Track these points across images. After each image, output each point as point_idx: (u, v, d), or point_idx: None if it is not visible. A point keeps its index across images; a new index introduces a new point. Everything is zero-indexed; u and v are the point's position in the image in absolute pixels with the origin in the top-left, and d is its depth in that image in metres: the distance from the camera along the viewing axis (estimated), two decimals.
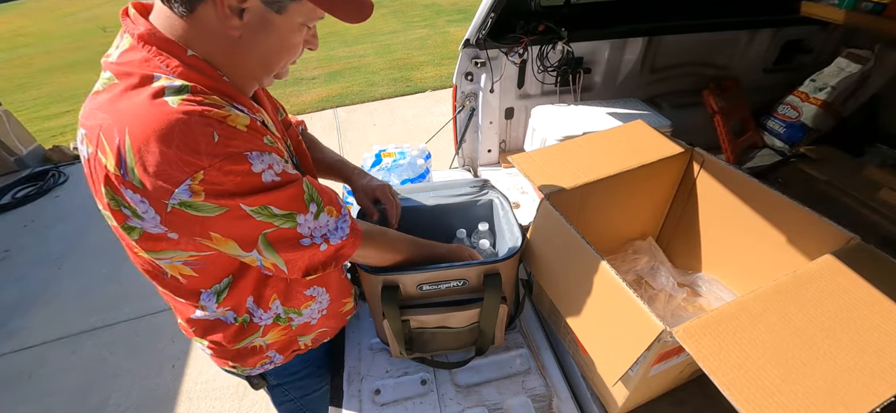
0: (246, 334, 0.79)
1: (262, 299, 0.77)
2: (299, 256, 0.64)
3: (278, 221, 0.60)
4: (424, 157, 1.46)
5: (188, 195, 0.52)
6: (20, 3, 20.39)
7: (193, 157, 0.51)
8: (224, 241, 0.59)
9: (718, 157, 1.07)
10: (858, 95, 1.93)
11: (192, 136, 0.51)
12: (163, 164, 0.50)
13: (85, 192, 3.75)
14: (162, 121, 0.50)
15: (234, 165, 0.54)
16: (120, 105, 0.52)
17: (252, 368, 0.88)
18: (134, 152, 0.50)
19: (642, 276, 1.14)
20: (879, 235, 1.38)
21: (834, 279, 0.71)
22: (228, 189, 0.54)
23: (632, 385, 0.80)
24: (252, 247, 0.60)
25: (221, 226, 0.57)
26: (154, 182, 0.51)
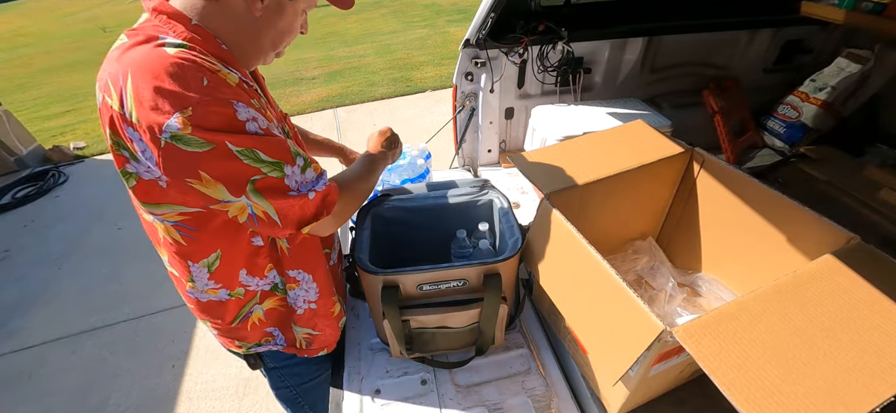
0: (244, 303, 0.82)
1: (256, 269, 0.79)
2: (289, 205, 0.67)
3: (266, 168, 0.63)
4: (424, 157, 1.46)
5: (178, 127, 0.56)
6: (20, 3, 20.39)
7: (183, 92, 0.56)
8: (213, 182, 0.61)
9: (718, 157, 1.07)
10: (858, 95, 1.93)
11: (184, 76, 0.57)
12: (156, 97, 0.56)
13: (85, 191, 3.76)
14: (159, 63, 0.57)
15: (220, 107, 0.59)
16: (126, 56, 0.59)
17: (256, 343, 0.90)
18: (133, 90, 0.56)
19: (642, 276, 1.14)
20: (879, 235, 1.38)
21: (834, 279, 0.71)
22: (214, 124, 0.58)
23: (632, 385, 0.80)
24: (241, 192, 0.62)
25: (210, 164, 0.59)
26: (148, 115, 0.56)
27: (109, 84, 0.58)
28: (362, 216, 1.04)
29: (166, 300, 2.51)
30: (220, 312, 0.82)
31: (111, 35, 11.28)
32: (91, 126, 5.17)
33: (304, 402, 1.09)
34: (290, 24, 0.73)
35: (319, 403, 1.12)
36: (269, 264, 0.81)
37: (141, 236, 3.16)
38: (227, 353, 1.73)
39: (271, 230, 0.69)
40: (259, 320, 0.87)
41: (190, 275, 0.75)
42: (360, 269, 0.88)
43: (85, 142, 4.67)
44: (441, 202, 1.11)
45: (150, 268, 2.75)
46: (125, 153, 0.61)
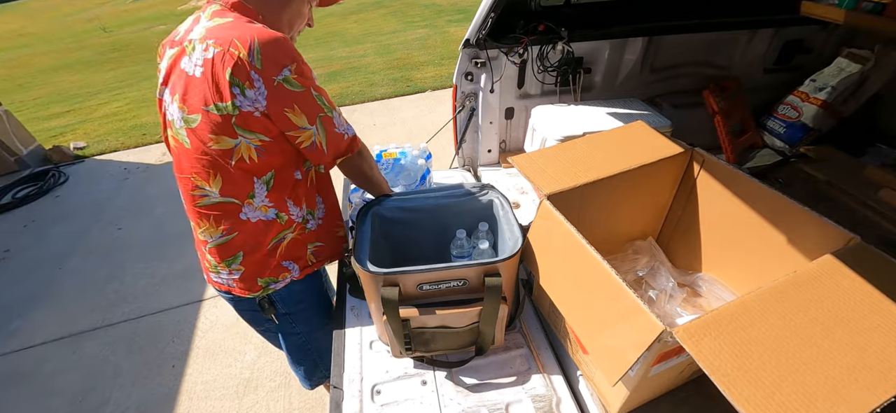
0: (281, 229, 1.03)
1: (296, 199, 1.03)
2: (335, 139, 0.95)
3: (326, 110, 0.92)
4: (425, 156, 1.46)
5: (289, 73, 0.85)
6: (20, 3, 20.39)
7: (292, 54, 0.86)
8: (300, 113, 0.88)
9: (718, 157, 1.07)
10: (858, 95, 1.93)
11: (288, 45, 0.86)
12: (277, 55, 0.83)
13: (85, 191, 3.76)
14: (272, 33, 0.84)
15: (305, 65, 0.89)
16: (242, 25, 0.85)
17: (275, 279, 1.07)
18: (260, 46, 0.81)
19: (642, 276, 1.14)
20: (879, 235, 1.38)
21: (834, 279, 0.71)
22: (306, 74, 0.88)
23: (632, 385, 0.80)
24: (313, 122, 0.90)
25: (301, 100, 0.87)
26: (270, 65, 0.82)
27: (236, 41, 0.81)
28: (362, 216, 1.04)
29: (166, 300, 2.51)
30: (262, 238, 1.00)
31: (111, 35, 11.29)
32: (91, 126, 5.17)
33: (312, 349, 1.26)
34: (301, 10, 1.00)
35: (326, 353, 1.19)
36: (303, 197, 1.04)
37: (141, 236, 3.17)
38: (227, 353, 1.78)
39: (319, 156, 0.96)
40: (283, 249, 1.05)
41: (252, 191, 0.95)
42: (359, 268, 0.88)
43: (85, 142, 4.67)
44: (441, 202, 1.11)
45: (151, 268, 2.76)
46: (236, 90, 0.82)
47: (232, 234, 0.98)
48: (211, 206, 0.95)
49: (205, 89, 0.83)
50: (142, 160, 4.21)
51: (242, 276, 1.04)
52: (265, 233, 1.00)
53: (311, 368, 1.31)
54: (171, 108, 0.91)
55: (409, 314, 0.89)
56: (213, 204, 0.95)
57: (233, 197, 0.94)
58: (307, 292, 1.17)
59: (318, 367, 1.31)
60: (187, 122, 0.88)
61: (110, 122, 5.20)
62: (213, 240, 0.99)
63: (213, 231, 0.98)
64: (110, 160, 4.30)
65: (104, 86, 6.98)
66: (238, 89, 0.82)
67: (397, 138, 4.06)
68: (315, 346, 1.25)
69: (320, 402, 1.89)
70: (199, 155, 0.90)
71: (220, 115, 0.84)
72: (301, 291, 1.14)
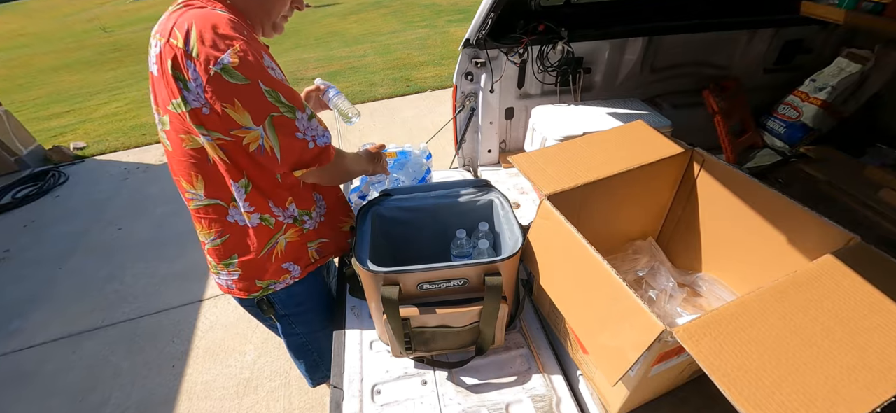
0: (272, 234, 0.97)
1: (281, 199, 0.95)
2: (292, 145, 0.82)
3: (283, 108, 0.79)
4: (425, 156, 1.46)
5: (228, 61, 0.73)
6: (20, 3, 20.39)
7: (233, 34, 0.74)
8: (242, 111, 0.76)
9: (718, 157, 1.07)
10: (858, 95, 1.93)
11: (233, 26, 0.75)
12: (214, 38, 0.73)
13: (85, 191, 3.76)
14: (216, 16, 0.75)
15: (256, 52, 0.77)
16: (188, 13, 0.76)
17: (276, 281, 1.03)
18: (196, 32, 0.73)
19: (642, 276, 1.14)
20: (879, 235, 1.38)
21: (834, 279, 0.71)
22: (253, 64, 0.75)
23: (632, 385, 0.80)
24: (260, 122, 0.78)
25: (243, 95, 0.75)
26: (207, 50, 0.72)
27: (176, 30, 0.74)
28: (362, 215, 1.04)
29: (166, 300, 2.51)
30: (254, 239, 0.95)
31: (111, 35, 11.29)
32: (91, 126, 5.17)
33: (313, 349, 1.24)
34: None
35: (327, 353, 1.18)
36: (289, 197, 0.96)
37: (141, 236, 3.17)
38: (227, 353, 1.77)
39: (271, 164, 0.84)
40: (281, 252, 1.00)
41: (232, 194, 0.90)
42: (360, 267, 0.88)
43: (85, 142, 4.67)
44: (441, 202, 1.11)
45: (150, 268, 2.76)
46: (180, 84, 0.74)
47: (224, 237, 0.96)
48: (200, 208, 0.93)
49: (162, 87, 0.78)
50: (142, 160, 4.21)
51: (240, 277, 1.01)
52: (255, 237, 0.96)
53: (311, 367, 1.29)
54: (153, 111, 0.87)
55: (409, 313, 0.89)
56: (202, 206, 0.92)
57: (218, 198, 0.90)
58: (308, 294, 1.14)
59: (318, 366, 1.29)
60: (162, 124, 0.84)
61: (110, 122, 5.20)
62: (208, 241, 0.98)
63: (207, 233, 0.97)
64: (110, 160, 4.30)
65: (104, 86, 6.98)
66: (181, 84, 0.74)
67: (397, 138, 4.06)
68: (316, 346, 1.23)
69: (320, 402, 1.89)
70: (180, 156, 0.86)
71: (178, 112, 0.78)
72: (301, 293, 1.11)
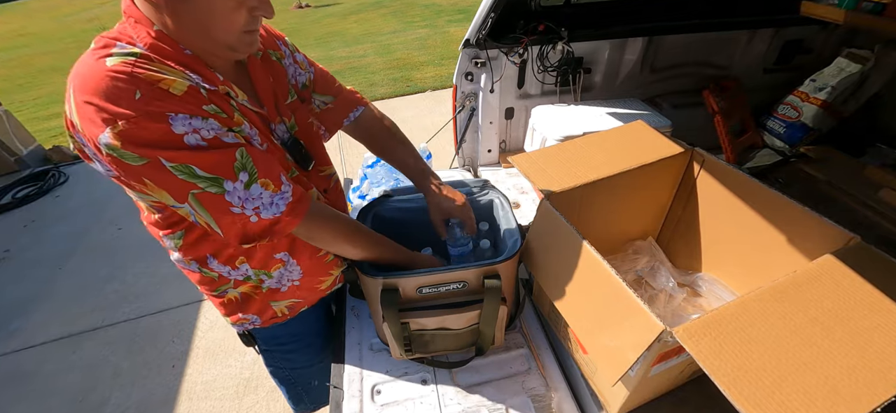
0: (217, 285, 0.85)
1: (229, 259, 0.81)
2: (231, 222, 0.67)
3: (202, 183, 0.62)
4: (425, 156, 1.46)
5: (109, 141, 0.56)
6: (20, 3, 20.39)
7: (113, 108, 0.56)
8: (157, 189, 0.62)
9: (718, 157, 1.07)
10: (858, 95, 1.93)
11: (115, 92, 0.56)
12: (91, 114, 0.56)
13: (85, 191, 3.75)
14: (94, 77, 0.56)
15: (152, 123, 0.57)
16: (78, 65, 0.60)
17: (235, 324, 0.94)
18: (75, 101, 0.58)
19: (642, 276, 1.14)
20: (879, 235, 1.38)
21: (834, 279, 0.71)
22: (146, 140, 0.57)
23: (632, 385, 0.80)
24: (183, 201, 0.63)
25: (150, 174, 0.60)
26: (87, 127, 0.57)
27: (68, 91, 0.59)
28: (362, 217, 1.04)
29: (166, 300, 2.51)
30: (195, 277, 0.85)
31: None
32: None
33: (298, 384, 1.13)
34: (210, 7, 0.60)
35: (312, 389, 1.14)
36: (241, 257, 0.82)
37: (141, 236, 3.15)
38: (227, 353, 1.75)
39: (216, 237, 0.71)
40: (235, 299, 0.89)
41: (165, 244, 0.80)
42: (359, 271, 0.88)
43: None
44: None
45: (151, 268, 2.75)
46: (87, 151, 0.62)
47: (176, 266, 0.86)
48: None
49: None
50: None
51: (207, 297, 0.93)
52: (200, 280, 0.85)
53: (295, 397, 1.18)
54: None
55: (408, 317, 0.89)
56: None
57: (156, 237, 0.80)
58: (293, 336, 1.02)
59: (302, 400, 1.18)
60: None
61: None
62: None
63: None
64: None
65: None
66: (87, 151, 0.62)
67: None
68: (300, 381, 1.13)
69: None
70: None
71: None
72: (285, 335, 1.01)
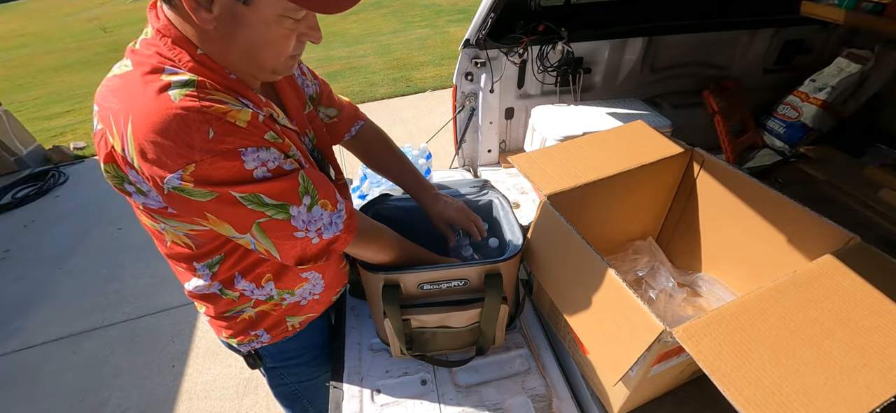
0: (235, 305, 0.84)
1: (256, 277, 0.81)
2: (292, 246, 0.67)
3: (270, 211, 0.61)
4: (425, 156, 1.46)
5: (179, 183, 0.55)
6: (20, 3, 20.40)
7: (187, 151, 0.54)
8: (219, 222, 0.61)
9: (718, 157, 1.07)
10: (858, 95, 1.93)
11: (188, 131, 0.53)
12: (159, 154, 0.54)
13: (85, 191, 3.75)
14: (162, 114, 0.53)
15: (226, 162, 0.56)
16: (129, 93, 0.56)
17: (241, 344, 0.91)
18: (135, 141, 0.54)
19: (642, 277, 1.14)
20: (879, 235, 1.38)
21: (834, 279, 0.71)
22: (219, 178, 0.56)
23: (632, 385, 0.80)
24: (246, 231, 0.63)
25: (215, 209, 0.59)
26: (151, 168, 0.55)
27: (111, 121, 0.57)
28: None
29: (166, 300, 2.51)
30: (214, 301, 0.84)
31: (111, 35, 11.28)
32: (91, 126, 5.16)
33: (303, 397, 1.12)
34: (262, 34, 0.59)
35: (318, 399, 1.12)
36: (268, 275, 0.82)
37: (141, 236, 3.15)
38: (227, 353, 1.73)
39: (273, 261, 0.74)
40: (250, 318, 0.88)
41: (194, 275, 0.78)
42: (360, 268, 0.88)
43: (85, 142, 4.67)
44: None
45: (151, 268, 2.75)
46: (130, 188, 0.61)
47: (187, 293, 0.85)
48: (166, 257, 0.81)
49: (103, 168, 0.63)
50: None
51: (210, 322, 0.90)
52: (217, 303, 0.84)
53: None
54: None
55: (409, 314, 0.89)
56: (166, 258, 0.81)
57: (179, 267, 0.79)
58: (300, 350, 1.02)
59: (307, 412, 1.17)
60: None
61: None
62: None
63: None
64: None
65: None
66: (131, 187, 0.61)
67: (397, 138, 4.05)
68: (307, 393, 1.11)
69: None
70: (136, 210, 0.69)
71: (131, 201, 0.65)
72: (293, 349, 1.00)
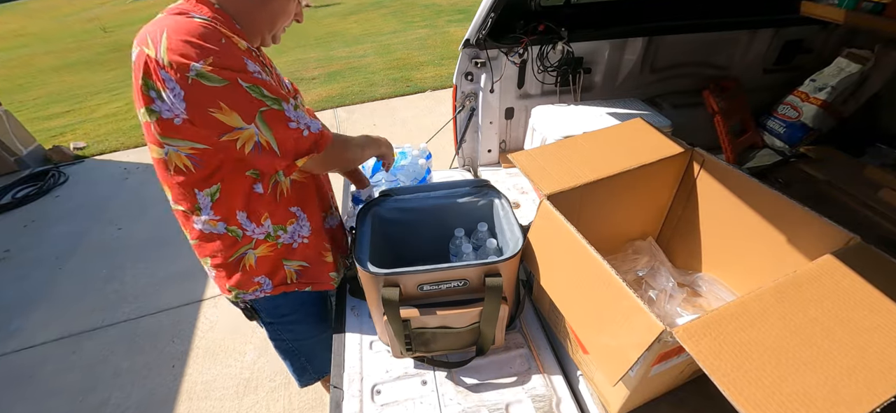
0: (239, 246, 0.95)
1: (254, 215, 0.93)
2: (288, 136, 0.81)
3: (268, 102, 0.78)
4: (425, 156, 1.46)
5: (201, 67, 0.72)
6: (20, 3, 20.40)
7: (206, 45, 0.73)
8: (230, 111, 0.75)
9: (718, 157, 1.07)
10: (858, 95, 1.93)
11: (207, 36, 0.74)
12: (185, 47, 0.72)
13: (85, 191, 3.76)
14: (189, 25, 0.74)
15: (235, 58, 0.76)
16: (163, 21, 0.75)
17: (246, 292, 1.02)
18: (168, 43, 0.72)
19: (642, 277, 1.14)
20: (879, 235, 1.38)
21: (834, 279, 0.71)
22: (230, 65, 0.74)
23: (632, 385, 0.80)
24: (251, 120, 0.77)
25: (227, 96, 0.74)
26: (178, 59, 0.71)
27: (148, 39, 0.73)
28: (362, 216, 1.04)
29: (166, 300, 2.51)
30: (220, 247, 0.95)
31: (111, 35, 11.28)
32: (91, 126, 5.17)
33: (301, 354, 1.23)
34: (284, 7, 0.88)
35: (316, 358, 1.23)
36: (266, 213, 0.94)
37: (141, 236, 3.17)
38: (227, 353, 1.75)
39: (271, 160, 0.82)
40: (250, 266, 0.99)
41: (196, 203, 0.88)
42: (360, 268, 0.88)
43: (85, 142, 4.67)
44: (441, 202, 1.11)
45: (150, 268, 2.76)
46: (152, 94, 0.74)
47: (195, 241, 0.96)
48: (174, 210, 0.94)
49: (135, 94, 0.78)
50: (141, 160, 4.21)
51: (216, 277, 1.02)
52: (221, 245, 0.95)
53: (299, 369, 1.28)
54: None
55: (409, 314, 0.89)
56: (174, 209, 0.93)
57: (182, 206, 0.90)
58: (294, 307, 1.12)
59: (306, 370, 1.28)
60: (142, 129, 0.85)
61: (110, 122, 5.20)
62: (189, 240, 0.99)
63: (186, 233, 0.98)
64: (110, 160, 4.30)
65: (104, 86, 6.97)
66: (154, 93, 0.74)
67: (397, 138, 4.06)
68: (304, 352, 1.22)
69: (320, 402, 1.89)
70: (153, 160, 0.87)
71: (144, 122, 0.79)
72: (286, 305, 1.10)
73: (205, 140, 0.79)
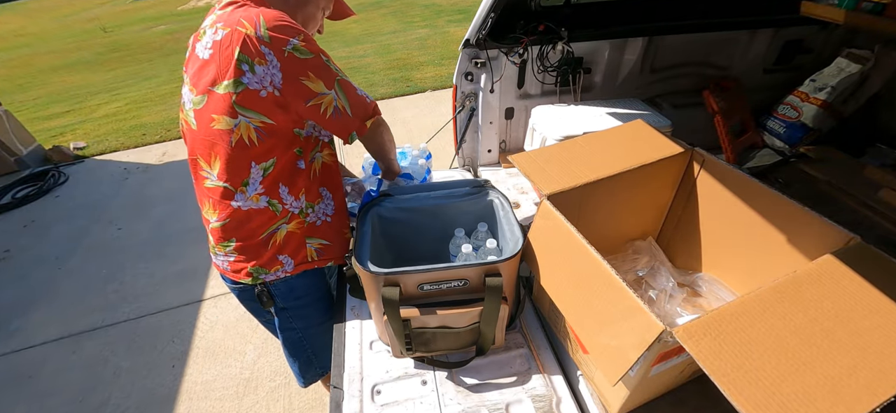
0: (275, 220, 1.02)
1: (295, 189, 1.02)
2: (358, 101, 0.97)
3: (341, 74, 0.95)
4: (425, 156, 1.46)
5: (297, 42, 0.88)
6: (20, 3, 20.41)
7: (296, 27, 0.90)
8: (316, 79, 0.91)
9: (718, 157, 1.07)
10: (858, 95, 1.93)
11: (293, 21, 0.91)
12: (284, 29, 0.87)
13: (85, 191, 3.76)
14: (276, 15, 0.89)
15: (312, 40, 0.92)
16: (249, 10, 0.89)
17: (268, 271, 1.06)
18: (267, 24, 0.86)
19: (642, 277, 1.14)
20: (879, 235, 1.38)
21: (834, 279, 0.71)
22: (313, 42, 0.91)
23: (632, 385, 0.80)
24: (331, 87, 0.93)
25: (314, 66, 0.90)
26: (277, 36, 0.86)
27: (243, 20, 0.86)
28: (362, 216, 1.04)
29: (166, 300, 2.51)
30: (256, 224, 1.01)
31: (111, 35, 11.29)
32: (91, 126, 5.17)
33: (308, 346, 1.26)
34: (314, 14, 1.05)
35: (321, 354, 1.26)
36: (303, 189, 1.03)
37: (141, 236, 3.17)
38: (226, 353, 1.76)
39: (346, 122, 0.97)
40: (279, 241, 1.04)
41: (247, 178, 0.96)
42: (360, 268, 0.88)
43: (85, 142, 4.67)
44: (441, 202, 1.11)
45: (150, 268, 2.76)
46: (244, 66, 0.86)
47: (225, 221, 1.00)
48: (210, 188, 0.98)
49: (212, 70, 0.88)
50: (142, 160, 4.21)
51: (235, 260, 1.05)
52: (258, 222, 1.01)
53: (305, 365, 1.31)
54: (184, 91, 0.97)
55: (409, 314, 0.89)
56: (213, 187, 0.98)
57: (228, 182, 0.96)
58: (307, 289, 1.16)
59: (312, 364, 1.31)
60: (195, 104, 0.93)
61: (110, 122, 5.20)
62: (213, 221, 1.02)
63: (213, 213, 1.02)
64: (110, 160, 4.30)
65: (104, 86, 6.98)
66: (247, 66, 0.86)
67: (397, 138, 4.05)
68: (311, 343, 1.26)
69: (320, 402, 1.89)
70: (203, 135, 0.94)
71: (222, 93, 0.88)
72: (301, 287, 1.14)
73: (277, 117, 0.92)
